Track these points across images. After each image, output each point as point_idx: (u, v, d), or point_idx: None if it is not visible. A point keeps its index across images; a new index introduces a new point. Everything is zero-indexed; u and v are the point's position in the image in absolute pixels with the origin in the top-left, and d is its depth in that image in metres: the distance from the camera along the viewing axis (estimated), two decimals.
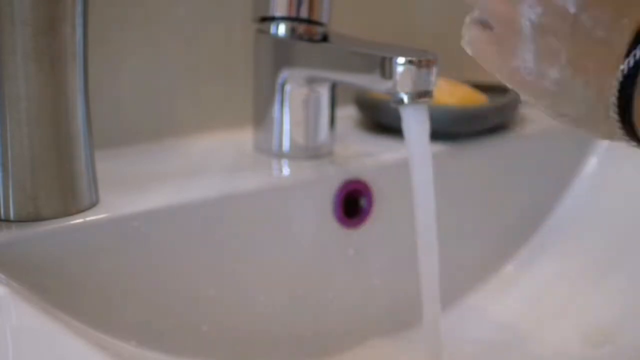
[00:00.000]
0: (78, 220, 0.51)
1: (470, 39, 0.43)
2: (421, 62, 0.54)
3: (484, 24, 0.42)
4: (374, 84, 0.57)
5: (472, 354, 0.64)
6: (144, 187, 0.56)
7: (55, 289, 0.49)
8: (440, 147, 0.66)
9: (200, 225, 0.56)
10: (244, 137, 0.65)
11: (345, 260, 0.63)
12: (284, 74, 0.61)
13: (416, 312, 0.56)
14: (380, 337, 0.64)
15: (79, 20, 0.49)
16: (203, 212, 0.56)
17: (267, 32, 0.61)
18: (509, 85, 0.42)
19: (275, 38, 0.61)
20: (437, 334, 0.56)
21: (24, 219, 0.49)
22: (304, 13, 0.60)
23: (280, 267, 0.60)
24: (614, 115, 0.38)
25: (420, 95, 0.54)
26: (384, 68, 0.55)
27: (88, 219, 0.51)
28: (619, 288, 0.66)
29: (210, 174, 0.60)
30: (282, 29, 0.61)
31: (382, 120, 0.70)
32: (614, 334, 0.63)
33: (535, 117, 0.74)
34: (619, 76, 0.38)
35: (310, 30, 0.61)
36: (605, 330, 0.63)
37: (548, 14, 0.39)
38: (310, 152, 0.63)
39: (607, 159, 0.73)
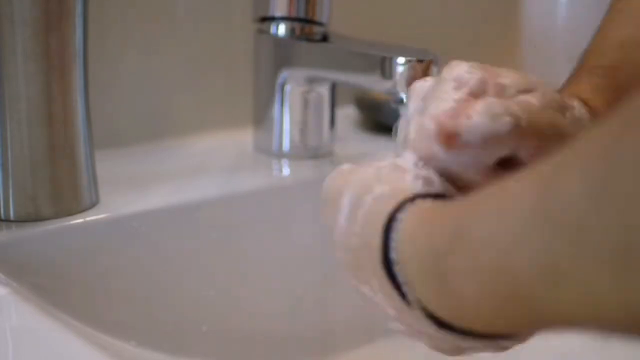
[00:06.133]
0: (78, 220, 0.51)
1: None
2: (421, 62, 0.54)
3: None
4: (374, 84, 0.57)
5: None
6: (143, 187, 0.56)
7: (55, 289, 0.49)
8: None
9: (200, 225, 0.55)
10: (244, 137, 0.65)
11: None
12: (284, 74, 0.61)
13: None
14: (381, 337, 0.64)
15: (79, 21, 0.49)
16: (203, 212, 0.56)
17: (267, 32, 0.61)
18: None
19: (275, 38, 0.61)
20: None
21: (24, 219, 0.49)
22: (303, 13, 0.60)
23: (280, 267, 0.59)
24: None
25: None
26: (384, 68, 0.55)
27: (88, 219, 0.51)
28: None
29: (210, 174, 0.60)
30: (282, 29, 0.61)
31: (382, 120, 0.70)
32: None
33: None
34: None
35: (310, 30, 0.61)
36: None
37: None
38: (310, 152, 0.63)
39: None
